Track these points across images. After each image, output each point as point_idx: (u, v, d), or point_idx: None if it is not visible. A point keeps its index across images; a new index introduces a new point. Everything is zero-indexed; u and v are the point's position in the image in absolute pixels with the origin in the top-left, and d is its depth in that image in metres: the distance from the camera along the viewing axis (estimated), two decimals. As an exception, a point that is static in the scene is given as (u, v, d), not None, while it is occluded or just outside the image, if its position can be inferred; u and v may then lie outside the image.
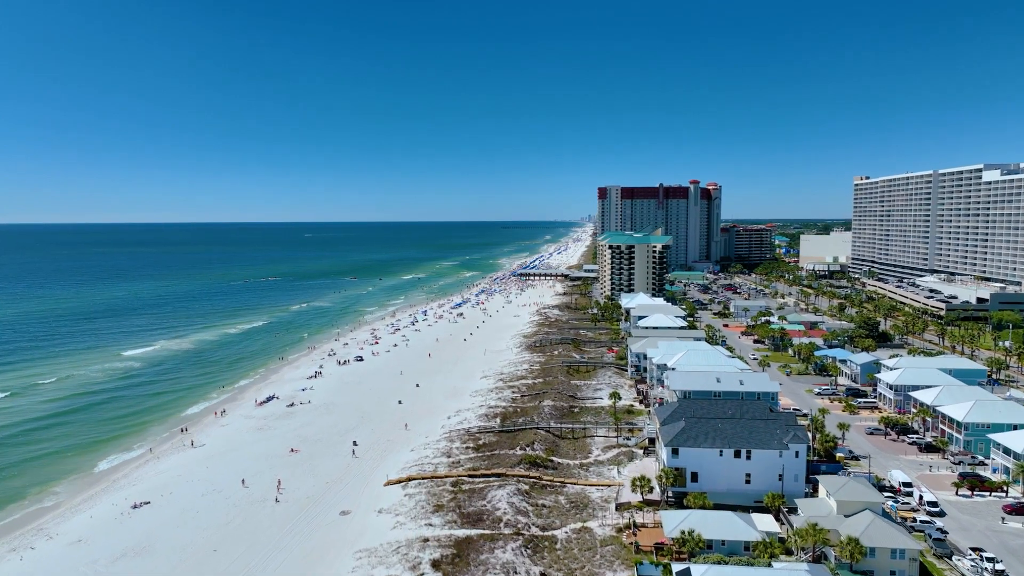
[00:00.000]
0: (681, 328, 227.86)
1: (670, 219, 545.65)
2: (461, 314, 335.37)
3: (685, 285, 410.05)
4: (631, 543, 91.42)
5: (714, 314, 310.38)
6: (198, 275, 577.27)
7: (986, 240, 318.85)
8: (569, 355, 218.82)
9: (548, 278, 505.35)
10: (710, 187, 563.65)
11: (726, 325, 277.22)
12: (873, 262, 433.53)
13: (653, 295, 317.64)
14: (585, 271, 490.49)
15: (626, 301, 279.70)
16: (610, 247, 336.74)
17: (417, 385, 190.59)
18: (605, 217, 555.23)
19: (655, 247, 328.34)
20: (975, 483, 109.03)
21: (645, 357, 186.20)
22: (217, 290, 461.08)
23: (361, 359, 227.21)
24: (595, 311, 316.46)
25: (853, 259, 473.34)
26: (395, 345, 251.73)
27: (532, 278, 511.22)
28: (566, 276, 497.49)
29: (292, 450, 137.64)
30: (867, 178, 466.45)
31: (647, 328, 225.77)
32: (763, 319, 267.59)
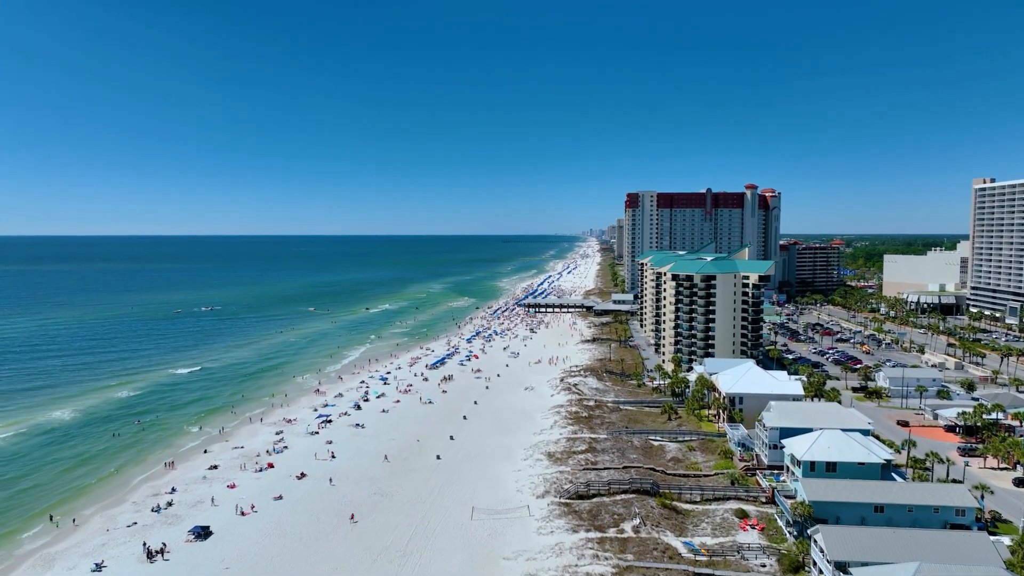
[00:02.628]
0: (884, 462, 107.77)
1: (720, 233, 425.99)
2: (447, 379, 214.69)
3: (771, 330, 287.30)
4: None
5: (856, 391, 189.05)
6: (116, 302, 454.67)
7: None
8: (666, 548, 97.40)
9: (566, 311, 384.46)
10: (766, 194, 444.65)
11: (904, 424, 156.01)
12: (1019, 294, 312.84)
13: (754, 360, 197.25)
14: (616, 303, 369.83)
15: (726, 380, 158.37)
16: (674, 278, 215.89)
17: None
18: (636, 230, 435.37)
19: (747, 278, 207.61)
20: None
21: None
22: (121, 329, 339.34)
23: (203, 533, 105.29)
24: (659, 383, 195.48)
25: (974, 289, 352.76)
26: (300, 476, 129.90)
27: (544, 310, 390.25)
28: (589, 308, 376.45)
29: None
30: (992, 180, 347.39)
31: (825, 473, 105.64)
32: (988, 417, 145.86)
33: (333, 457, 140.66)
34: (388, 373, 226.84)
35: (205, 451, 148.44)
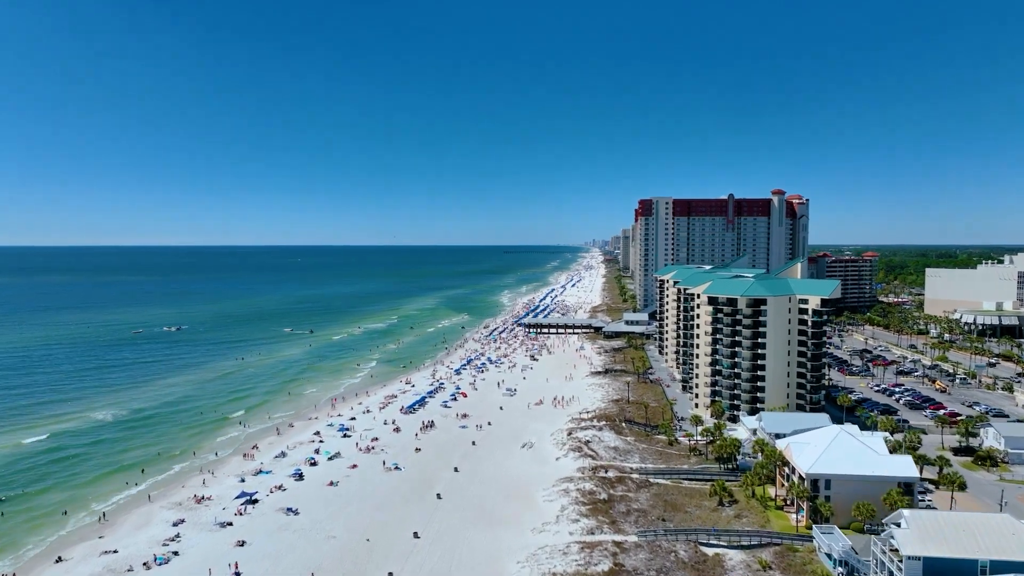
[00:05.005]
0: None
1: (744, 243, 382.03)
2: (425, 428, 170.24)
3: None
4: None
5: (957, 452, 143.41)
6: (71, 321, 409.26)
7: None
8: None
9: (571, 332, 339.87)
10: (793, 200, 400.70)
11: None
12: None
13: (814, 405, 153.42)
14: (629, 323, 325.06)
15: (802, 452, 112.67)
16: (711, 302, 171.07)
17: None
18: (649, 241, 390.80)
19: (805, 302, 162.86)
20: None
21: None
22: (59, 355, 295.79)
23: None
24: (697, 440, 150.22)
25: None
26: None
27: (547, 331, 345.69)
28: (598, 330, 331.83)
29: None
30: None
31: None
32: None
33: (236, 575, 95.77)
34: (353, 419, 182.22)
35: (59, 559, 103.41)
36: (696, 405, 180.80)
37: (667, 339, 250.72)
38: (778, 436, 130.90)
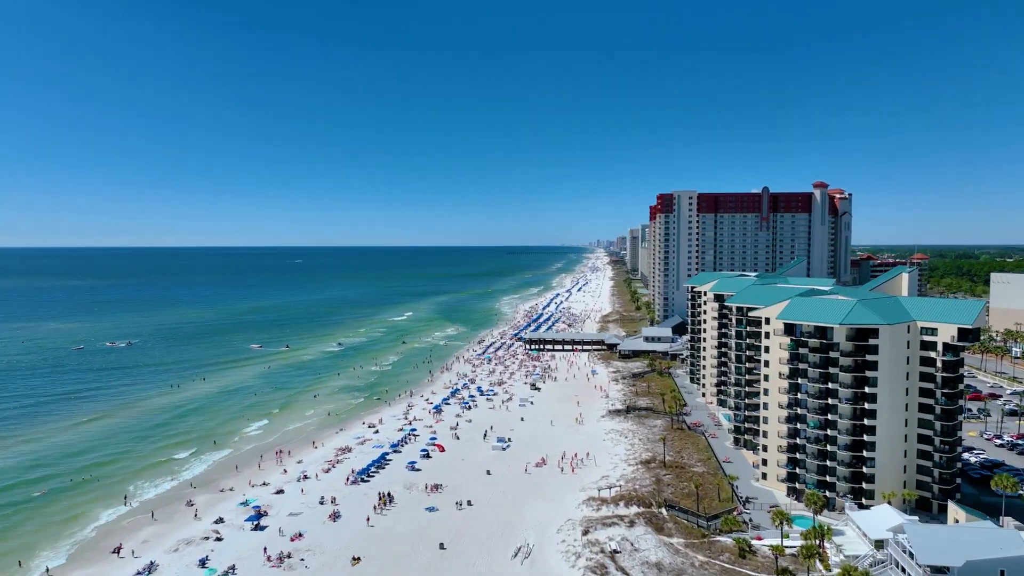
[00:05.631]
0: None
1: (780, 243, 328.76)
2: (380, 506, 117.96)
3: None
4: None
5: None
6: (4, 335, 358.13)
7: None
8: None
9: (580, 347, 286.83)
10: (835, 195, 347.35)
11: None
12: None
13: (946, 486, 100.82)
14: (649, 340, 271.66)
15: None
16: (788, 331, 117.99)
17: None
18: (670, 241, 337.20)
19: (932, 332, 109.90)
20: None
21: None
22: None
23: None
24: (785, 547, 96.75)
25: None
26: None
27: (551, 347, 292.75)
28: (612, 347, 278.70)
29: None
30: None
31: None
32: None
33: None
34: (280, 492, 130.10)
35: None
36: (763, 476, 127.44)
37: (704, 366, 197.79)
38: (938, 571, 78.10)
